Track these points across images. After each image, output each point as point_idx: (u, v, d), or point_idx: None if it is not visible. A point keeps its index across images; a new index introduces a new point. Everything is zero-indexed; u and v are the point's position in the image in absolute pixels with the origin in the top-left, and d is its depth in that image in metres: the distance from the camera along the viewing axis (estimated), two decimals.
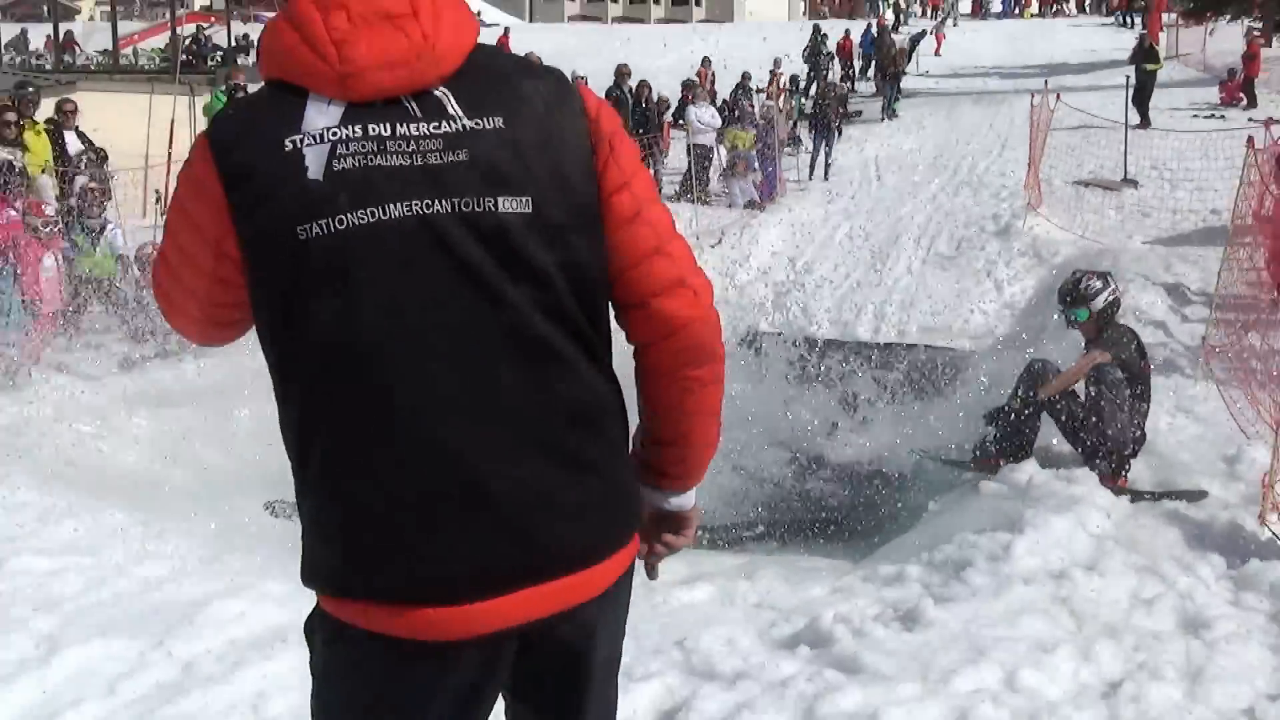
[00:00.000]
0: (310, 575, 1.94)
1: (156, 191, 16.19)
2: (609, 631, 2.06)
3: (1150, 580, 5.36)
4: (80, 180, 11.67)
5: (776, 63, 29.20)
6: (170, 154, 17.82)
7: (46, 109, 13.78)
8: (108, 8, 56.64)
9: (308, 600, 5.88)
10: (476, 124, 1.79)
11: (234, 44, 38.55)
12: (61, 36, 39.18)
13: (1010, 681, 4.35)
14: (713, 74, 21.21)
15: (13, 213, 10.25)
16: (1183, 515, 6.19)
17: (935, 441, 9.21)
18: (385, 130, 1.75)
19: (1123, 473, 6.61)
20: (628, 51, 34.22)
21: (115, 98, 18.93)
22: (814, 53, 33.79)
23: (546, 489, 1.85)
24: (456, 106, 1.79)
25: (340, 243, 1.72)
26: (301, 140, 1.73)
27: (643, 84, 20.20)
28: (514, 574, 1.84)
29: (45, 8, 43.70)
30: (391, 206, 1.73)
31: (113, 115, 15.51)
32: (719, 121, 19.83)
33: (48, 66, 35.44)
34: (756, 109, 21.58)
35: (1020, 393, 7.24)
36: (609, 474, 1.93)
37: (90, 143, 12.85)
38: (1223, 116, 26.18)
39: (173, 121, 17.55)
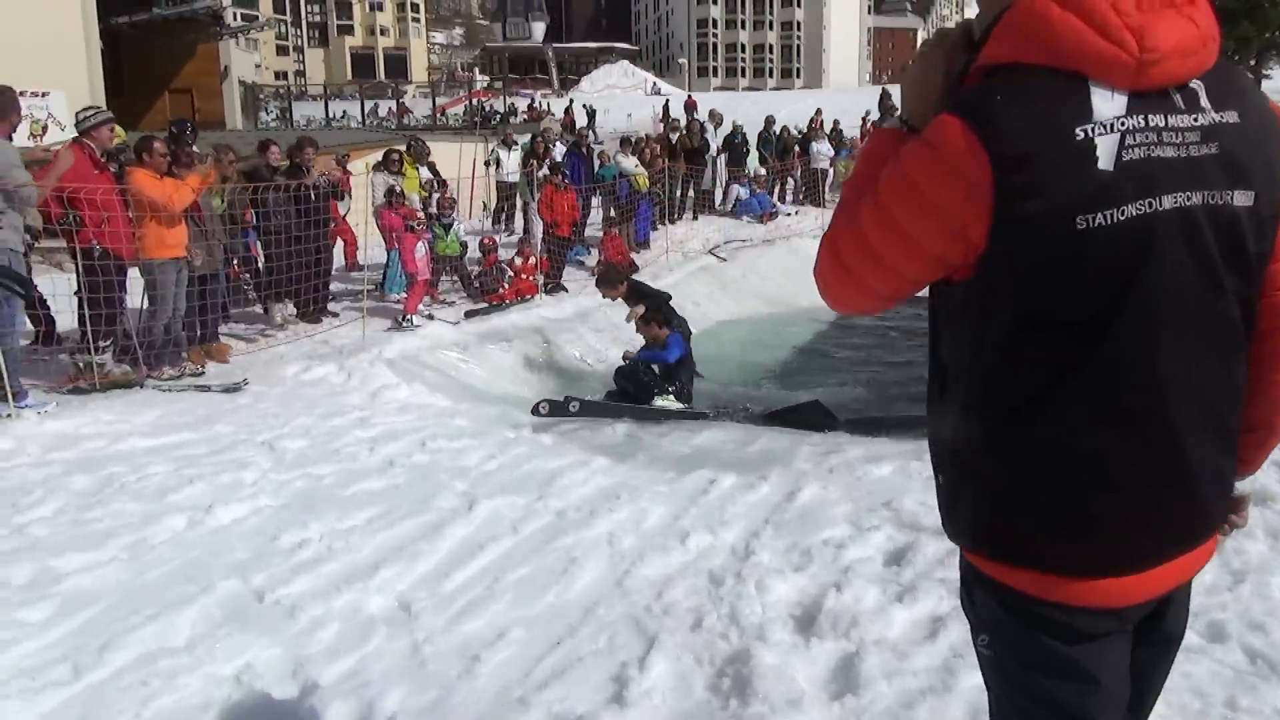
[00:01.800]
0: (980, 538, 1.39)
1: (483, 202, 16.20)
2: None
3: None
4: (436, 195, 11.63)
5: (868, 114, 28.12)
6: (473, 177, 18.02)
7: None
8: (426, 89, 57.36)
9: (625, 470, 5.53)
10: (1221, 118, 1.25)
11: (506, 109, 38.66)
12: (399, 107, 39.56)
13: None
14: (823, 120, 20.26)
15: (393, 216, 10.28)
16: None
17: None
18: (1161, 121, 1.21)
19: None
20: (759, 107, 33.39)
21: (436, 145, 19.12)
22: (883, 109, 32.60)
23: (1220, 468, 1.36)
24: (1207, 99, 1.25)
25: (1118, 232, 1.19)
26: (1093, 129, 1.18)
27: (784, 128, 19.41)
28: (1183, 542, 1.36)
29: (389, 90, 44.01)
30: (1165, 198, 1.20)
31: (434, 155, 15.72)
32: (832, 152, 18.95)
33: (393, 126, 35.93)
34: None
35: None
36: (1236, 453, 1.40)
37: (436, 171, 12.76)
38: None
39: (474, 159, 17.75)
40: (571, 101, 40.76)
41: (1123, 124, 1.19)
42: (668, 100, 39.49)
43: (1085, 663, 1.36)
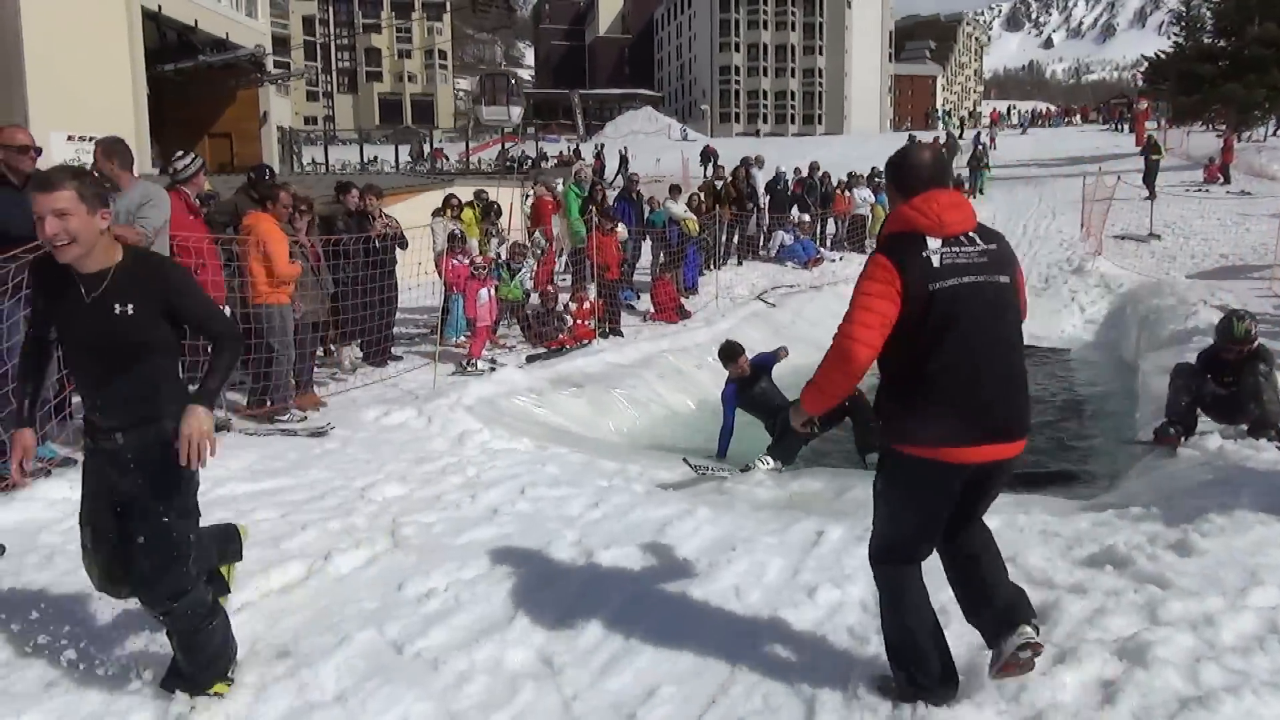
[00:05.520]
0: (912, 434, 2.90)
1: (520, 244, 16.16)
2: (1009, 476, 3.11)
3: None
4: (507, 242, 11.75)
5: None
6: (510, 224, 17.95)
7: (436, 199, 13.79)
8: (453, 134, 58.09)
9: (730, 519, 5.45)
10: (987, 247, 2.93)
11: (537, 154, 39.08)
12: (435, 151, 39.99)
13: None
14: (852, 172, 20.40)
15: (455, 262, 10.33)
16: None
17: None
18: (958, 248, 2.88)
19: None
20: (782, 154, 33.59)
21: (468, 190, 19.20)
22: None
23: (1025, 399, 3.00)
24: (979, 240, 2.93)
25: (949, 292, 2.81)
26: (929, 251, 2.84)
27: (826, 174, 19.50)
28: (1008, 435, 2.92)
29: (419, 135, 44.53)
30: (966, 277, 2.84)
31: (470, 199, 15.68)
32: (872, 198, 19.01)
33: (425, 170, 36.32)
34: None
35: (1184, 387, 6.47)
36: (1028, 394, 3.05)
37: (496, 223, 12.81)
38: (1208, 191, 24.48)
39: (511, 203, 17.72)
40: (601, 146, 41.10)
41: (941, 249, 2.83)
42: (709, 148, 39.93)
43: (934, 492, 2.95)
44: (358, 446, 6.45)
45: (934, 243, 2.81)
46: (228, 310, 7.25)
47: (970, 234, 2.88)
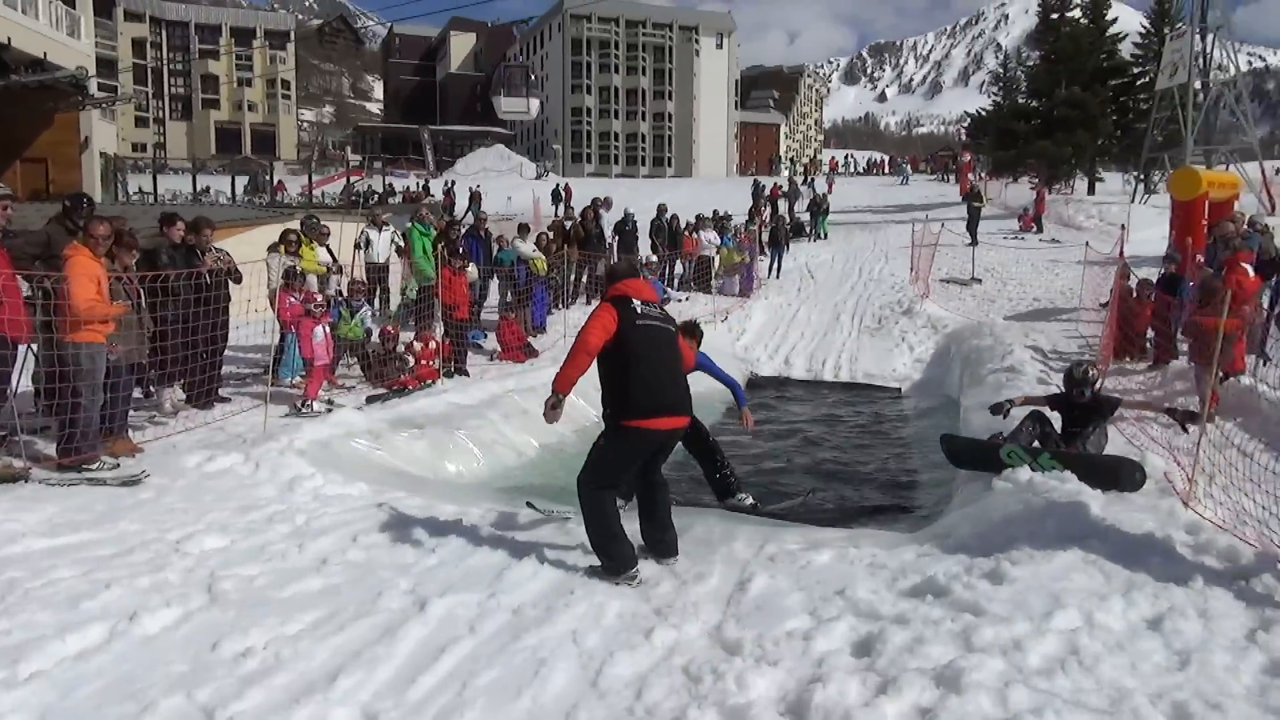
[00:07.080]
0: (626, 414, 4.84)
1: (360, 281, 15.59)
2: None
3: (1141, 545, 4.98)
4: (342, 279, 11.38)
5: (760, 205, 29.27)
6: (353, 260, 17.24)
7: (273, 233, 13.06)
8: (295, 165, 56.18)
9: (570, 561, 5.49)
10: (662, 311, 5.16)
11: (383, 190, 38.23)
12: (275, 184, 38.50)
13: (1090, 620, 4.03)
14: (700, 214, 20.95)
15: (292, 299, 9.94)
16: (1150, 507, 5.79)
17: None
18: (648, 308, 5.01)
19: None
20: (633, 195, 34.19)
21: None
22: (758, 196, 33.96)
23: (684, 393, 5.08)
24: (657, 307, 5.11)
25: (644, 329, 4.91)
26: (634, 306, 4.93)
27: (674, 216, 19.88)
28: (676, 414, 4.98)
29: (258, 166, 42.81)
30: (653, 322, 4.98)
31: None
32: (718, 240, 19.51)
33: (264, 203, 34.94)
34: (741, 233, 21.26)
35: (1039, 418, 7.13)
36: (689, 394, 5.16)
37: (332, 252, 12.35)
38: (1023, 238, 26.44)
39: (355, 240, 17.08)
40: (452, 183, 40.66)
41: (642, 305, 5.00)
42: (560, 188, 40.06)
43: (636, 447, 4.98)
44: (175, 495, 6.05)
45: (637, 302, 4.94)
46: (34, 349, 6.73)
47: (653, 302, 5.08)
